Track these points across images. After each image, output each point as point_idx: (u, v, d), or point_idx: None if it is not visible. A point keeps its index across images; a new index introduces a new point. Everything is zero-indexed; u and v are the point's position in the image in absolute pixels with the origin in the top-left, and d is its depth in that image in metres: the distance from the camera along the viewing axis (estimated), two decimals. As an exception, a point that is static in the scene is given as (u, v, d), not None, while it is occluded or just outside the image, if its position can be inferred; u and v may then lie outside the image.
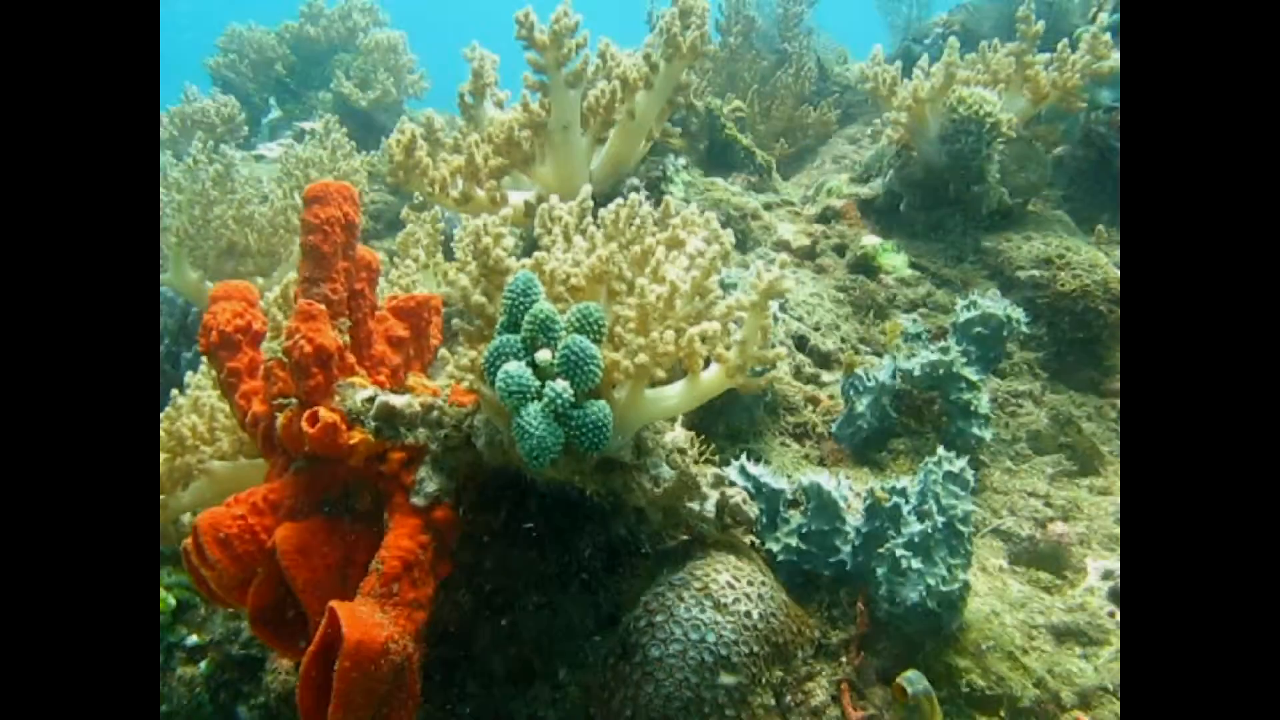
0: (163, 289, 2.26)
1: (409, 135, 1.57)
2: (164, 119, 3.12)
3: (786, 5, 2.91)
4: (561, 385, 1.00)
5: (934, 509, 1.15)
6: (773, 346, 1.03)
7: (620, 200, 1.08)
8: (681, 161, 1.74)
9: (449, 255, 2.11)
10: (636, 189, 1.66)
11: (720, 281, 1.29)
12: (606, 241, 1.08)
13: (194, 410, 1.35)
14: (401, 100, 3.70)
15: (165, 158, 2.39)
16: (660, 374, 1.04)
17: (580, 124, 1.61)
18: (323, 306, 1.15)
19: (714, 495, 1.22)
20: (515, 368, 1.00)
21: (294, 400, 1.14)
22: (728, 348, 1.04)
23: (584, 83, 1.57)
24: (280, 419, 1.14)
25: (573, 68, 1.53)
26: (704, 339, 1.01)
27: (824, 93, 2.91)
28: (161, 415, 1.39)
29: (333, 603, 0.99)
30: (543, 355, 1.01)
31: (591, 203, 1.17)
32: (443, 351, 1.25)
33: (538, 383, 1.00)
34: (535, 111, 1.58)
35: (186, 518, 1.52)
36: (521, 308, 1.03)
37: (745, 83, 2.93)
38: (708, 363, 1.06)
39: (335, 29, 3.76)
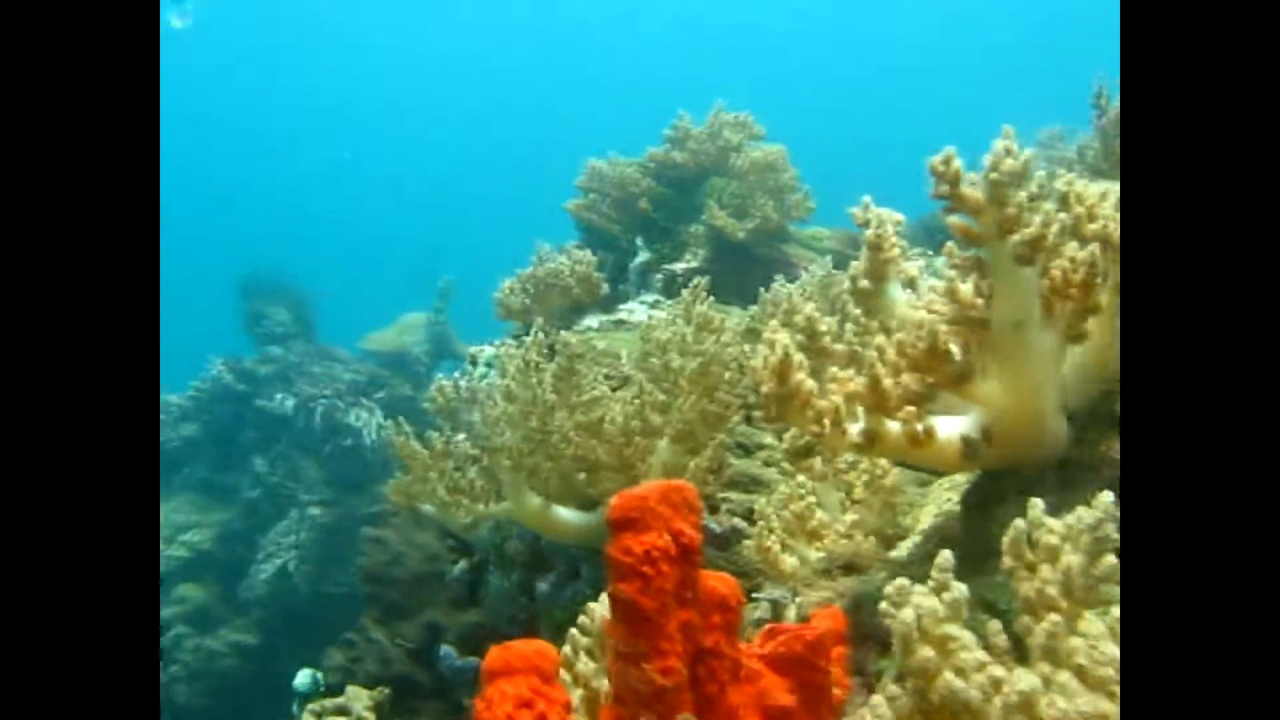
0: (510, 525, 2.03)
1: (781, 354, 1.15)
2: (514, 285, 2.99)
3: None
4: None
5: None
6: None
7: None
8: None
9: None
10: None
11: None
12: None
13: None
14: (784, 225, 3.37)
15: (503, 350, 2.18)
16: None
17: (1040, 315, 1.11)
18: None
19: None
20: None
21: None
22: None
23: (1043, 254, 1.07)
24: None
25: (1028, 235, 1.04)
26: None
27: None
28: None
29: None
30: None
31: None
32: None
33: None
34: (968, 302, 1.12)
35: None
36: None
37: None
38: None
39: (704, 151, 3.53)
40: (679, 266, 3.35)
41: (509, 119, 27.09)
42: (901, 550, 1.51)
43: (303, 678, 2.54)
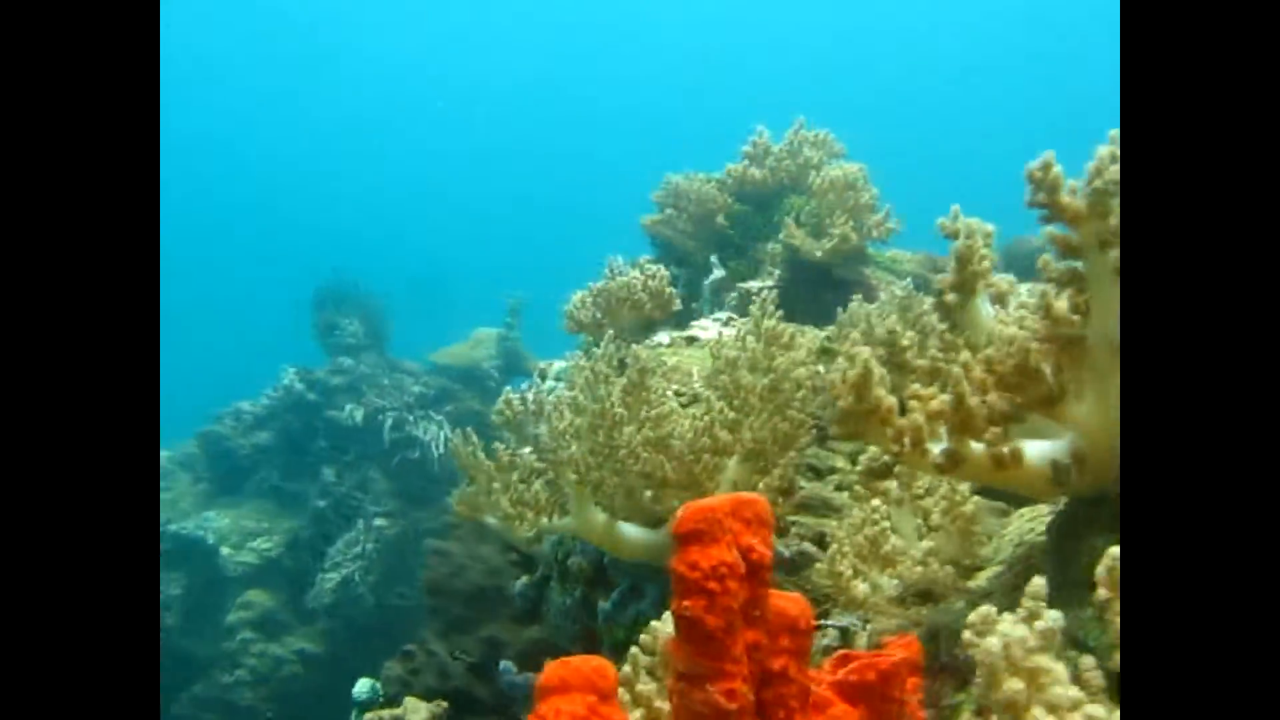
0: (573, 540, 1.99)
1: (862, 368, 1.11)
2: (585, 298, 2.97)
3: None
4: None
5: None
6: None
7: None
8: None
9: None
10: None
11: None
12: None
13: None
14: (863, 246, 3.30)
15: (572, 362, 2.16)
16: None
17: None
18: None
19: None
20: None
21: None
22: None
23: (1148, 267, 1.01)
24: None
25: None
26: None
27: None
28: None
29: None
30: None
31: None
32: None
33: None
34: (1063, 318, 1.06)
35: None
36: None
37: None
38: None
39: (783, 168, 3.49)
40: (753, 285, 3.30)
41: (579, 134, 27.31)
42: (980, 580, 1.45)
43: (361, 687, 2.53)
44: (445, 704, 2.24)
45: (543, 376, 3.14)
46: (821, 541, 1.89)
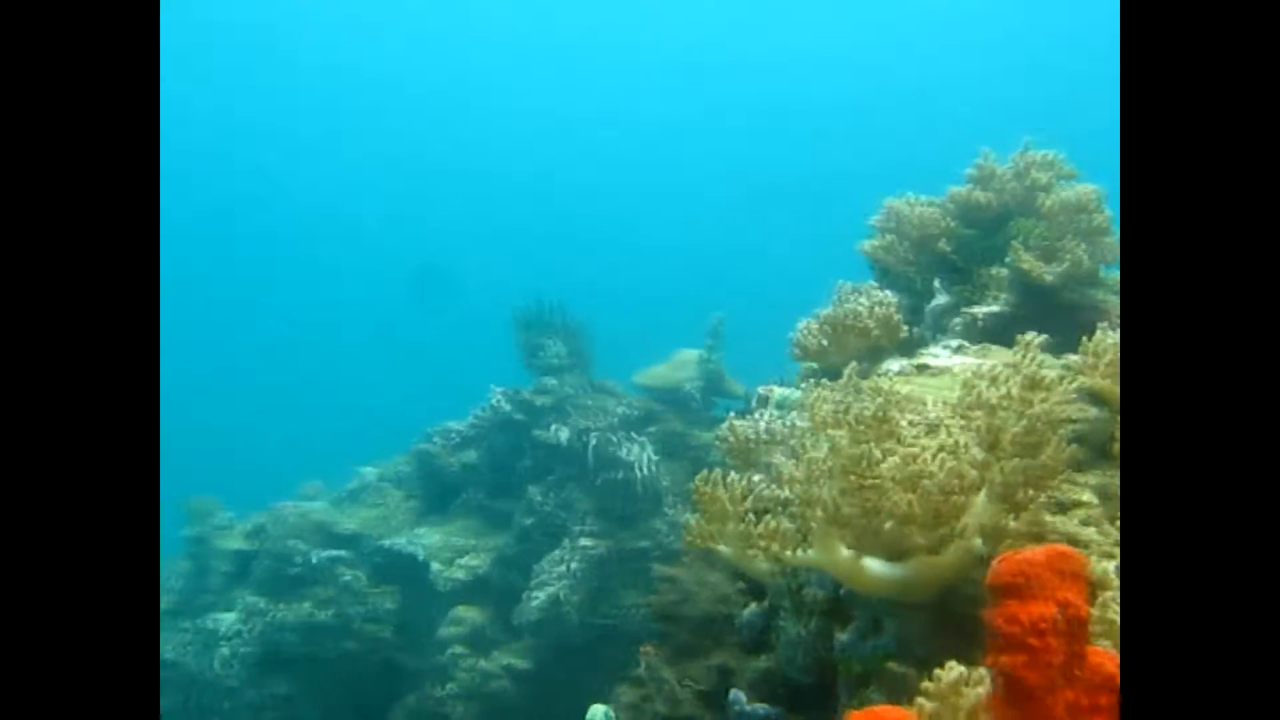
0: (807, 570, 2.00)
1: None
2: (812, 326, 2.97)
3: None
4: None
5: None
6: None
7: None
8: None
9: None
10: None
11: None
12: None
13: None
14: (1095, 270, 3.20)
15: (812, 392, 2.16)
16: None
17: None
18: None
19: None
20: None
21: None
22: None
23: None
24: None
25: None
26: None
27: None
28: None
29: None
30: None
31: None
32: None
33: None
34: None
35: None
36: None
37: None
38: None
39: (1009, 191, 3.41)
40: (980, 310, 3.24)
41: (786, 156, 27.32)
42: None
43: (595, 714, 2.60)
44: (682, 732, 2.29)
45: (763, 403, 3.16)
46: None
